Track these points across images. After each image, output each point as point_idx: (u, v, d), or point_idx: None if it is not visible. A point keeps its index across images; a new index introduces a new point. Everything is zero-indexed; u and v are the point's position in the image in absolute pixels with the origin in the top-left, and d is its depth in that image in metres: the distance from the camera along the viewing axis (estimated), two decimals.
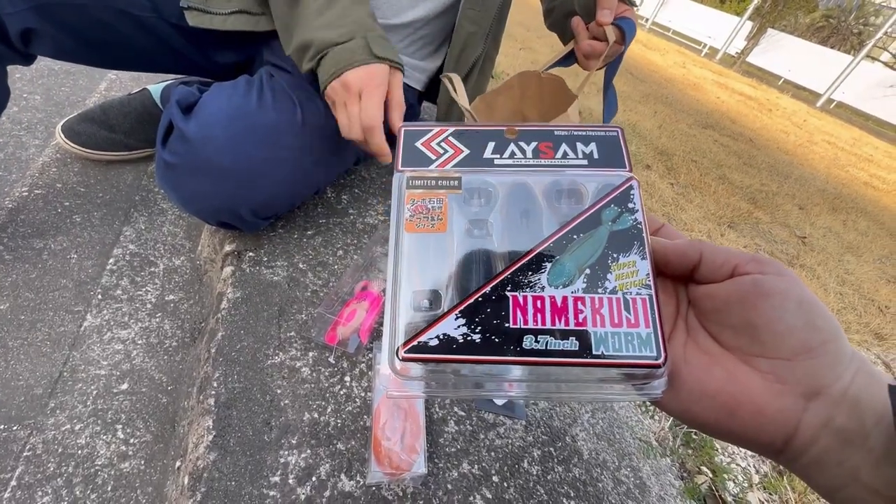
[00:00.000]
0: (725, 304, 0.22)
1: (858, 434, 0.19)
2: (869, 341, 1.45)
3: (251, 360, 0.52)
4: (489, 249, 0.25)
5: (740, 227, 1.92)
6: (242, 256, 0.63)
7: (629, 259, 0.24)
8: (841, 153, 4.64)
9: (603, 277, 0.24)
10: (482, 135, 0.28)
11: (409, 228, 0.25)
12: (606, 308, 0.23)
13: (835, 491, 0.19)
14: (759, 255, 0.23)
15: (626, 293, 0.23)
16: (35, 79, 1.12)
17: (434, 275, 0.24)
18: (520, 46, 3.52)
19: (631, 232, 0.25)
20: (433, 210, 0.26)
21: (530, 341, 0.22)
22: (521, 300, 0.23)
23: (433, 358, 0.22)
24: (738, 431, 0.21)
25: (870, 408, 0.19)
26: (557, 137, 0.28)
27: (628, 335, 0.22)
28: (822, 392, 0.19)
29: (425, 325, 0.23)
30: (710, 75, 6.74)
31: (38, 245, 0.70)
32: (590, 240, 0.25)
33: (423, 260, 0.24)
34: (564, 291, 0.23)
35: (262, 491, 0.42)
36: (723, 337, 0.23)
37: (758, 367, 0.21)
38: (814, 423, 0.19)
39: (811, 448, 0.19)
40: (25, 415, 0.53)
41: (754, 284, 0.21)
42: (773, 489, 0.78)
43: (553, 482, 0.52)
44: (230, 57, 0.74)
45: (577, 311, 0.23)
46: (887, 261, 2.18)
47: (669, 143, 2.64)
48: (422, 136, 0.28)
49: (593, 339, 0.22)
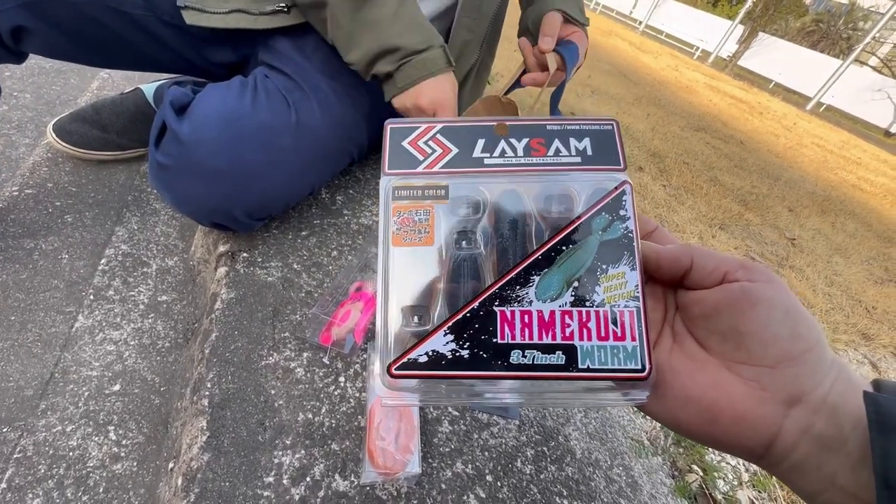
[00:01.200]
0: (714, 311, 0.22)
1: (836, 439, 0.19)
2: (856, 341, 1.48)
3: (245, 361, 0.52)
4: (477, 262, 0.25)
5: (731, 229, 1.94)
6: (236, 257, 0.63)
7: (618, 270, 0.24)
8: (830, 156, 4.70)
9: (591, 290, 0.24)
10: (471, 132, 0.27)
11: (396, 242, 0.25)
12: (593, 322, 0.23)
13: (815, 495, 0.20)
14: (747, 262, 0.23)
15: (614, 306, 0.23)
16: (25, 77, 1.11)
17: (422, 289, 0.24)
18: (514, 49, 3.53)
19: (621, 241, 0.25)
20: (420, 223, 0.25)
21: (517, 356, 0.23)
22: (509, 315, 0.23)
23: (423, 375, 0.23)
24: (720, 437, 0.21)
25: (847, 413, 0.19)
26: (550, 132, 0.27)
27: (614, 348, 0.23)
28: (803, 399, 0.20)
29: (415, 342, 0.23)
30: (703, 78, 6.81)
31: (28, 245, 0.70)
32: (579, 251, 0.24)
33: (410, 275, 0.24)
34: (552, 305, 0.24)
35: (257, 491, 0.42)
36: (709, 343, 0.23)
37: (741, 373, 0.21)
38: (794, 429, 0.20)
39: (792, 454, 0.20)
40: (16, 416, 0.53)
41: (743, 292, 0.22)
42: (763, 487, 0.79)
43: (546, 481, 0.53)
44: (225, 56, 0.74)
45: (565, 325, 0.23)
46: (874, 262, 2.22)
47: (662, 145, 2.66)
48: (409, 135, 0.27)
49: (579, 352, 0.23)
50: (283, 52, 0.67)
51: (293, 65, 0.66)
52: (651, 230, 0.27)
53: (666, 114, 3.50)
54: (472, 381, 0.23)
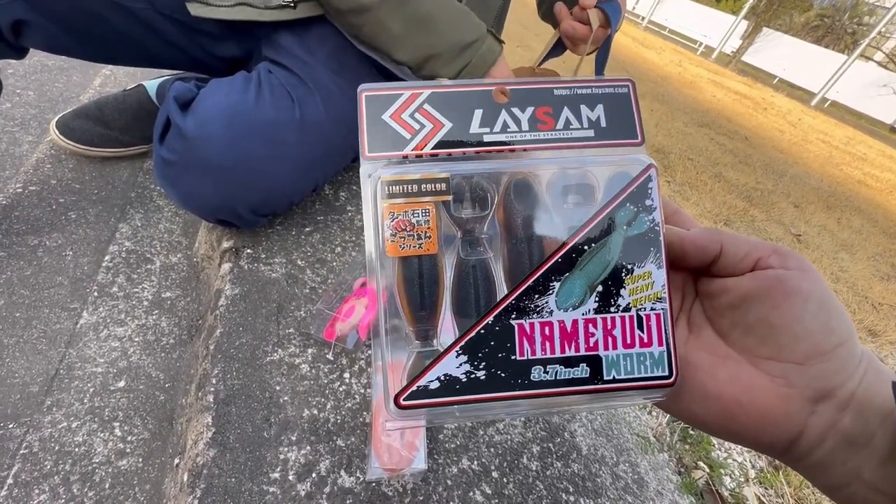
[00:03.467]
0: (743, 300, 0.21)
1: (863, 435, 0.18)
2: (863, 338, 1.47)
3: (250, 357, 0.52)
4: (488, 268, 0.22)
5: (736, 225, 1.93)
6: (240, 253, 0.63)
7: (644, 270, 0.22)
8: (835, 152, 4.67)
9: (616, 294, 0.22)
10: (466, 99, 0.23)
11: (391, 251, 0.21)
12: (619, 329, 0.21)
13: (837, 489, 0.19)
14: (781, 248, 0.21)
15: (640, 309, 0.22)
16: (28, 74, 1.11)
17: (427, 306, 0.21)
18: (517, 44, 3.51)
19: (648, 236, 0.22)
20: (419, 226, 0.21)
21: (539, 373, 0.21)
22: (528, 328, 0.21)
23: (435, 403, 0.20)
24: (741, 432, 0.20)
25: (875, 407, 0.18)
26: (558, 99, 0.23)
27: (641, 356, 0.21)
28: (831, 395, 0.19)
29: (424, 367, 0.20)
30: (706, 74, 6.76)
31: (33, 242, 0.70)
32: (602, 250, 0.22)
33: (412, 290, 0.21)
34: (574, 314, 0.21)
35: (262, 487, 0.42)
36: (731, 335, 0.22)
37: (766, 369, 0.20)
38: (820, 426, 0.19)
39: (816, 450, 0.19)
40: (21, 412, 0.53)
41: (778, 280, 0.20)
42: (769, 483, 0.79)
43: (552, 477, 0.53)
44: (228, 51, 0.73)
45: (588, 334, 0.21)
46: (881, 258, 2.20)
47: (666, 141, 2.65)
48: (389, 105, 0.22)
49: (605, 363, 0.21)
50: (286, 47, 0.67)
51: (297, 60, 0.65)
52: (670, 213, 0.25)
53: (669, 110, 3.48)
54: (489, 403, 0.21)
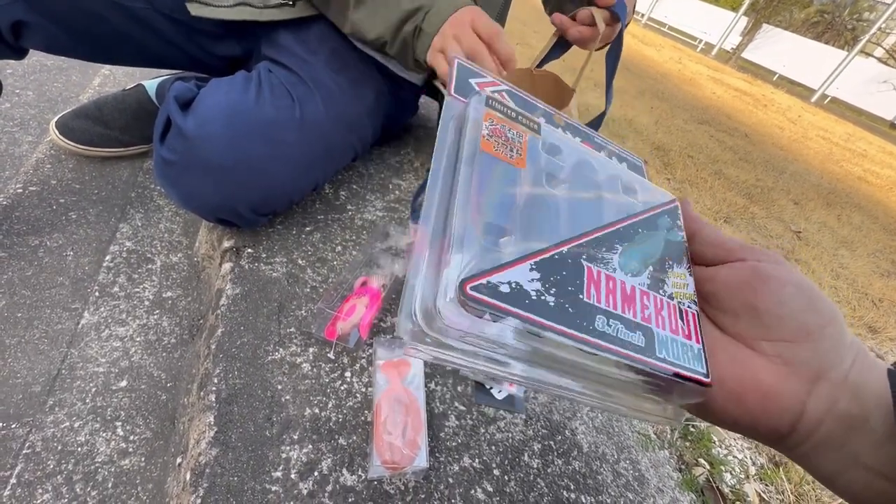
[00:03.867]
0: (725, 288, 0.23)
1: (860, 417, 0.19)
2: (863, 334, 1.47)
3: (251, 356, 0.52)
4: (559, 206, 0.22)
5: (736, 222, 1.93)
6: (241, 253, 0.63)
7: (681, 271, 0.24)
8: (835, 148, 4.66)
9: (663, 281, 0.23)
10: (535, 108, 0.27)
11: (485, 147, 0.21)
12: (666, 311, 0.22)
13: (836, 476, 0.20)
14: (752, 246, 0.23)
15: (680, 303, 0.23)
16: (27, 74, 1.11)
17: (505, 210, 0.20)
18: (516, 42, 3.50)
19: (682, 246, 0.25)
20: (513, 141, 0.22)
21: (602, 323, 0.20)
22: (596, 275, 0.21)
23: (501, 307, 0.17)
24: (745, 418, 0.21)
25: (870, 391, 0.19)
26: (597, 144, 0.28)
27: (685, 345, 0.21)
28: (824, 376, 0.20)
29: (491, 267, 0.18)
30: (706, 71, 6.75)
31: (33, 242, 0.70)
32: (651, 238, 0.24)
33: (494, 188, 0.21)
34: (633, 281, 0.22)
35: (265, 486, 0.42)
36: (723, 321, 0.23)
37: (762, 350, 0.21)
38: (818, 406, 0.20)
39: (815, 433, 0.20)
40: (24, 412, 0.53)
41: (754, 270, 0.22)
42: (770, 480, 0.79)
43: (553, 475, 0.53)
44: (227, 50, 0.73)
45: (643, 305, 0.21)
46: (881, 255, 2.20)
47: (666, 138, 2.64)
48: (476, 77, 0.26)
49: (657, 339, 0.21)
50: (286, 46, 0.67)
51: (297, 59, 0.65)
52: None
53: (669, 107, 3.47)
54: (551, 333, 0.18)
